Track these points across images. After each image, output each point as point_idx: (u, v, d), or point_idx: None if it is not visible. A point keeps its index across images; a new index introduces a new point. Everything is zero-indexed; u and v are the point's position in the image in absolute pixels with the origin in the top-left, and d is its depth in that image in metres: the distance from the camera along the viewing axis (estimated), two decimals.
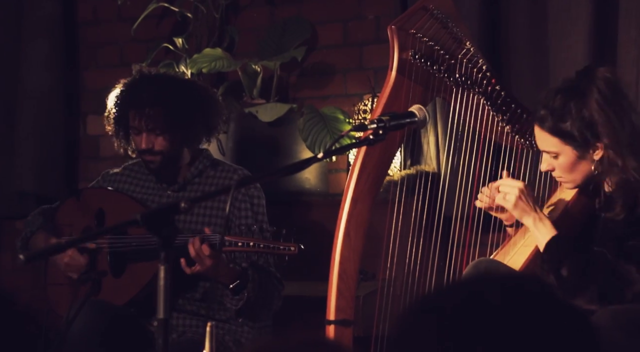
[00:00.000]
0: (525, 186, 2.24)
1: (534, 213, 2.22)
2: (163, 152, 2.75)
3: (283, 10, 3.68)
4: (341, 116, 3.37)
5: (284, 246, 2.57)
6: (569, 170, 2.22)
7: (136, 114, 2.73)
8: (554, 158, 2.23)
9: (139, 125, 2.74)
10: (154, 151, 2.75)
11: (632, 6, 2.87)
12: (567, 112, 2.18)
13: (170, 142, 2.75)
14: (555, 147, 2.21)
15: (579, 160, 2.21)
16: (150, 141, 2.74)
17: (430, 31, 2.32)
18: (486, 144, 2.36)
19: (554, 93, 2.22)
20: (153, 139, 2.74)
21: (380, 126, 2.00)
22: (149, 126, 2.72)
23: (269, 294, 2.70)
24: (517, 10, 3.08)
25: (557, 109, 2.19)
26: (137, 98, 2.75)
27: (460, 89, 2.33)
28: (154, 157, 2.76)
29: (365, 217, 2.28)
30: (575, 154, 2.20)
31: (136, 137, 2.76)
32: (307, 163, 1.86)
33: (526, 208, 2.22)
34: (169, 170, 2.82)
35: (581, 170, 2.22)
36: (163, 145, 2.74)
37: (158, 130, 2.73)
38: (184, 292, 2.76)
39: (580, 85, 2.20)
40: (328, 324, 2.24)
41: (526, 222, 2.24)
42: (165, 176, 2.84)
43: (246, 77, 3.54)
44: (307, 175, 3.47)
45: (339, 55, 3.59)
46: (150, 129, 2.73)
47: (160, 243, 1.66)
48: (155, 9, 3.68)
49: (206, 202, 2.79)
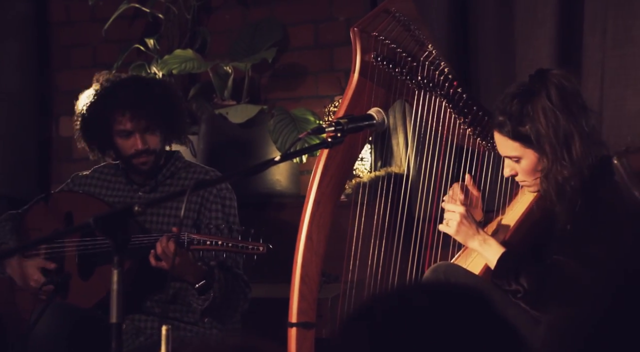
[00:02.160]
0: (466, 210, 2.25)
1: (478, 236, 2.23)
2: (156, 151, 2.77)
3: (255, 12, 3.69)
4: (311, 117, 3.37)
5: (252, 245, 2.57)
6: (531, 174, 2.23)
7: (132, 115, 2.72)
8: (516, 162, 2.24)
9: (132, 126, 2.72)
10: (149, 151, 2.75)
11: (597, 10, 2.88)
12: (526, 115, 2.19)
13: (162, 139, 2.77)
14: (516, 151, 2.22)
15: (541, 163, 2.21)
16: (146, 141, 2.74)
17: (392, 34, 2.32)
18: (448, 146, 2.37)
19: (510, 98, 2.23)
20: (147, 139, 2.74)
21: (338, 129, 2.01)
22: (143, 125, 2.72)
23: (235, 295, 2.70)
24: (485, 13, 3.09)
25: (515, 113, 2.20)
26: (128, 99, 2.74)
27: (422, 91, 2.34)
28: (147, 158, 2.76)
29: (328, 219, 2.28)
30: (536, 156, 2.21)
31: (126, 140, 2.74)
32: (265, 166, 1.86)
33: (469, 232, 2.23)
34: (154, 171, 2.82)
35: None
36: (156, 144, 2.76)
37: (152, 128, 2.73)
38: (152, 295, 2.75)
39: (533, 88, 2.21)
40: (290, 327, 2.24)
41: (472, 246, 2.25)
42: (137, 178, 2.83)
43: (217, 79, 3.54)
44: (278, 177, 3.47)
45: (310, 57, 3.60)
46: (144, 129, 2.73)
47: (114, 246, 1.66)
48: (128, 9, 3.68)
49: (178, 202, 2.79)
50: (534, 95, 2.19)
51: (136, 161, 2.76)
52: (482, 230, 2.25)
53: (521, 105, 2.20)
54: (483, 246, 2.22)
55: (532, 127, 2.18)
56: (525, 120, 2.19)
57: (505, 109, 2.21)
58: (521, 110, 2.19)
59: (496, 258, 2.21)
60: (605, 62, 2.86)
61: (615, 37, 2.85)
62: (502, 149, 2.25)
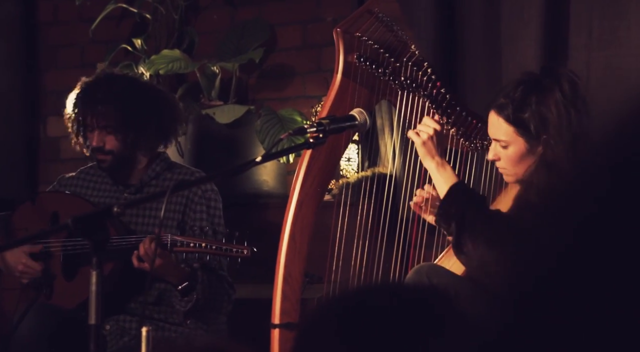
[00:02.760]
0: (440, 131, 2.28)
1: (438, 158, 2.27)
2: (114, 152, 2.75)
3: (242, 12, 3.68)
4: (299, 118, 3.37)
5: (236, 248, 2.56)
6: (515, 163, 2.23)
7: (89, 112, 2.74)
8: (503, 148, 2.23)
9: (91, 122, 2.74)
10: (104, 150, 2.74)
11: (582, 10, 2.89)
12: (527, 104, 2.19)
13: (122, 142, 2.74)
14: (507, 136, 2.22)
15: (528, 154, 2.22)
16: (101, 139, 2.74)
17: (375, 34, 2.32)
18: None
19: (516, 84, 2.23)
20: (104, 137, 2.74)
21: (320, 130, 2.00)
22: (100, 124, 2.73)
23: (219, 296, 2.70)
24: (472, 13, 3.09)
25: (518, 99, 2.20)
26: (91, 96, 2.75)
27: (406, 92, 2.34)
28: (103, 156, 2.76)
29: (311, 220, 2.28)
30: (525, 146, 2.21)
31: (89, 135, 2.77)
32: (246, 166, 1.85)
33: (432, 151, 2.27)
34: (122, 172, 2.81)
35: (526, 165, 2.23)
36: (114, 145, 2.74)
37: (109, 128, 2.73)
38: (136, 296, 2.75)
39: (544, 82, 2.21)
40: (273, 328, 2.24)
41: (428, 166, 2.28)
42: (122, 179, 2.83)
43: (204, 79, 3.53)
44: (265, 177, 3.47)
45: (298, 57, 3.59)
46: (101, 127, 2.73)
47: (92, 247, 1.66)
48: (115, 9, 3.67)
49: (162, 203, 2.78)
50: (544, 89, 2.20)
51: (96, 157, 2.79)
52: (444, 158, 2.28)
53: (525, 93, 2.20)
54: (439, 169, 2.26)
55: (532, 117, 2.18)
56: (525, 109, 2.19)
57: (509, 94, 2.21)
58: (524, 99, 2.20)
59: (448, 185, 2.24)
60: (591, 63, 2.87)
61: (601, 38, 2.86)
62: (493, 131, 2.25)
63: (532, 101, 2.19)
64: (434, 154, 2.27)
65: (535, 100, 2.19)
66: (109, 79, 2.82)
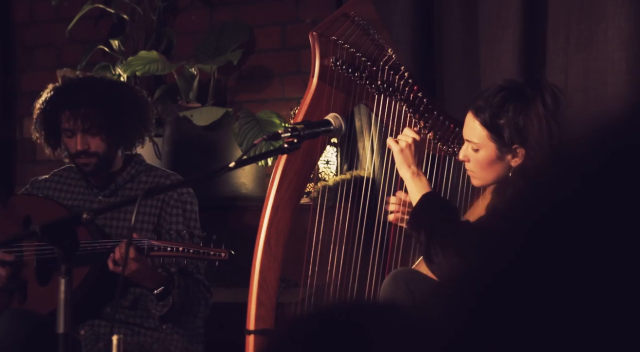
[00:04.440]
0: (419, 141, 2.28)
1: (414, 167, 2.26)
2: (98, 154, 2.72)
3: (221, 13, 3.66)
4: (277, 120, 3.35)
5: (214, 251, 2.54)
6: (483, 167, 2.23)
7: (71, 115, 2.69)
8: (474, 151, 2.23)
9: (73, 126, 2.69)
10: (89, 153, 2.71)
11: (560, 14, 2.88)
12: (505, 111, 2.19)
13: (107, 143, 2.72)
14: (480, 140, 2.21)
15: (497, 160, 2.21)
16: (86, 142, 2.70)
17: (351, 38, 2.30)
18: None
19: (497, 89, 2.23)
20: (88, 140, 2.70)
21: (295, 135, 1.99)
22: (85, 126, 2.69)
23: (196, 301, 2.68)
24: (449, 16, 3.08)
25: (496, 105, 2.20)
26: (72, 98, 2.71)
27: (382, 96, 2.32)
28: (88, 159, 2.72)
29: (287, 224, 2.26)
30: (496, 153, 2.21)
31: (69, 139, 2.72)
32: (219, 172, 1.83)
33: (409, 159, 2.26)
34: (102, 175, 2.78)
35: (494, 171, 2.22)
36: (99, 147, 2.71)
37: (94, 130, 2.69)
38: (112, 301, 2.72)
39: (526, 92, 2.20)
40: (248, 334, 2.22)
41: (404, 174, 2.28)
42: (97, 181, 2.80)
43: (182, 81, 3.51)
44: (243, 180, 3.45)
45: (276, 59, 3.57)
46: (85, 129, 2.69)
47: (61, 255, 1.63)
48: (93, 10, 3.64)
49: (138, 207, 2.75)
50: (527, 100, 2.19)
51: (78, 161, 2.74)
52: (420, 168, 2.28)
53: (505, 100, 2.19)
54: (414, 178, 2.26)
55: (508, 124, 2.18)
56: (502, 115, 2.18)
57: (489, 98, 2.21)
58: (503, 105, 2.19)
59: (420, 194, 2.24)
60: (569, 66, 2.86)
61: (579, 41, 2.85)
62: (468, 132, 2.24)
63: (510, 109, 2.18)
64: (410, 163, 2.26)
65: (514, 108, 2.18)
66: (85, 81, 2.79)
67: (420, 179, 2.25)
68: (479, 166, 2.22)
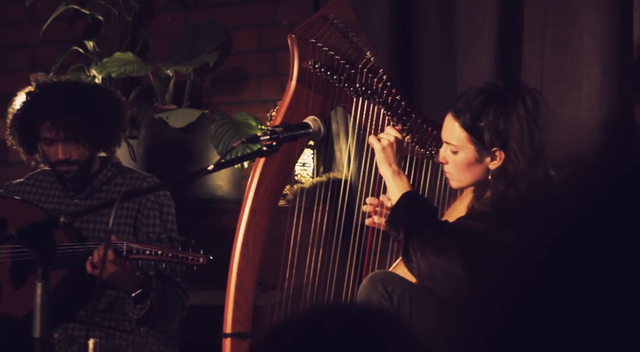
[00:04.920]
0: (401, 141, 2.28)
1: (395, 166, 2.27)
2: (79, 161, 2.69)
3: (197, 15, 3.64)
4: (253, 122, 3.34)
5: (192, 256, 2.53)
6: (462, 170, 2.23)
7: (52, 125, 2.65)
8: (452, 152, 2.23)
9: (55, 136, 2.66)
10: (70, 161, 2.68)
11: (535, 18, 2.91)
12: (485, 114, 2.19)
13: (88, 149, 2.69)
14: (459, 142, 2.22)
15: (475, 163, 2.22)
16: (68, 151, 2.67)
17: (330, 41, 2.30)
18: None
19: (477, 91, 2.23)
20: (70, 149, 2.67)
21: (274, 138, 1.98)
22: (67, 135, 2.65)
23: (173, 304, 2.67)
24: (427, 18, 3.10)
25: (476, 107, 2.20)
26: (51, 107, 2.67)
27: (361, 98, 2.32)
28: (70, 167, 2.69)
29: (264, 227, 2.26)
30: (475, 155, 2.21)
31: (49, 148, 2.68)
32: (197, 175, 1.82)
33: (390, 157, 2.26)
34: (82, 179, 2.75)
35: (472, 173, 2.23)
36: (80, 154, 2.69)
37: (75, 138, 2.66)
38: (87, 304, 2.70)
39: (506, 95, 2.20)
40: (224, 337, 2.21)
41: (384, 173, 2.27)
42: (73, 185, 2.78)
43: (158, 82, 3.49)
44: (219, 182, 3.43)
45: (253, 61, 3.57)
46: (67, 139, 2.66)
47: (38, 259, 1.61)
48: (67, 11, 3.61)
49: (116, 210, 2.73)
50: (508, 103, 2.19)
51: (59, 169, 2.71)
52: (401, 168, 2.28)
53: (486, 103, 2.19)
54: (394, 177, 2.26)
55: (488, 127, 2.18)
56: (482, 118, 2.19)
57: (469, 100, 2.21)
58: (483, 108, 2.19)
59: (400, 193, 2.23)
60: (544, 69, 2.89)
61: (554, 45, 2.88)
62: (447, 134, 2.25)
63: (490, 111, 2.19)
64: (392, 162, 2.26)
65: (494, 111, 2.18)
66: (61, 88, 2.74)
67: (400, 178, 2.25)
68: (457, 168, 2.23)
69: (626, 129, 2.53)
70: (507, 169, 2.17)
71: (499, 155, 2.19)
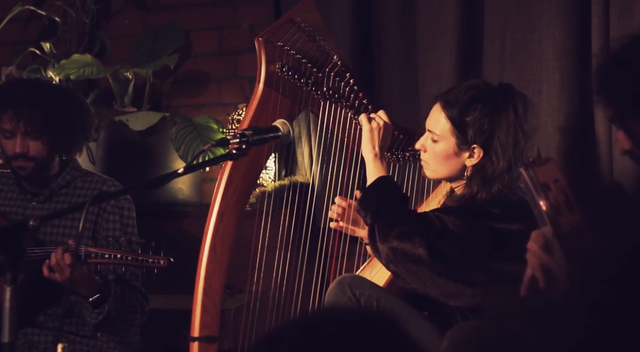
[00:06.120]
0: (390, 127, 2.29)
1: (378, 149, 2.27)
2: (37, 159, 2.65)
3: (156, 17, 3.61)
4: (214, 125, 3.32)
5: (152, 258, 2.51)
6: (438, 160, 2.24)
7: (14, 115, 2.61)
8: (433, 141, 2.25)
9: (14, 127, 2.62)
10: (27, 156, 2.64)
11: (496, 23, 2.94)
12: (472, 109, 2.20)
13: (47, 147, 2.65)
14: (442, 132, 2.23)
15: (453, 155, 2.23)
16: (26, 145, 2.63)
17: (297, 44, 2.30)
18: (354, 156, 2.37)
19: (468, 87, 2.24)
20: (29, 143, 2.63)
21: (243, 141, 1.97)
22: (26, 128, 2.62)
23: (132, 309, 2.64)
24: (388, 22, 3.11)
25: (465, 102, 2.21)
26: (14, 99, 2.63)
27: (328, 102, 2.33)
28: (26, 163, 2.65)
29: (232, 231, 2.25)
30: (454, 148, 2.22)
31: (7, 141, 2.64)
32: (167, 178, 1.81)
33: (376, 140, 2.27)
34: (38, 179, 2.71)
35: (448, 165, 2.24)
36: (38, 151, 2.64)
37: (36, 133, 2.62)
38: (46, 308, 2.66)
39: (497, 97, 2.22)
40: (192, 341, 2.19)
41: (366, 154, 2.28)
42: (31, 187, 2.73)
43: (117, 85, 3.45)
44: (180, 185, 3.41)
45: (213, 64, 3.55)
46: (26, 132, 2.62)
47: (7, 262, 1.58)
48: (22, 11, 3.55)
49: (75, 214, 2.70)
50: (498, 105, 2.20)
51: (15, 164, 2.67)
52: (383, 155, 2.29)
53: (475, 99, 2.21)
54: (375, 160, 2.26)
55: (473, 123, 2.19)
56: (469, 113, 2.20)
57: (459, 94, 2.22)
58: (471, 104, 2.20)
59: (376, 176, 2.24)
60: (505, 74, 2.92)
61: (514, 50, 2.91)
62: (431, 122, 2.26)
63: (477, 108, 2.20)
64: (376, 145, 2.27)
65: (481, 109, 2.20)
66: (28, 83, 2.72)
67: (381, 162, 2.26)
68: (434, 158, 2.24)
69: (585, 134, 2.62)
70: (485, 168, 2.19)
71: (477, 152, 2.21)
